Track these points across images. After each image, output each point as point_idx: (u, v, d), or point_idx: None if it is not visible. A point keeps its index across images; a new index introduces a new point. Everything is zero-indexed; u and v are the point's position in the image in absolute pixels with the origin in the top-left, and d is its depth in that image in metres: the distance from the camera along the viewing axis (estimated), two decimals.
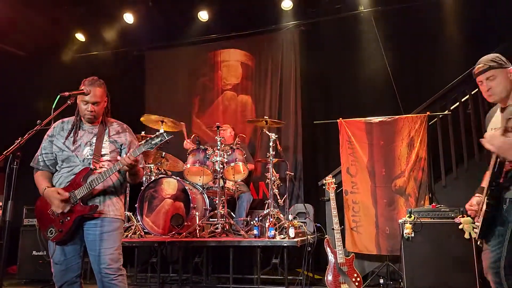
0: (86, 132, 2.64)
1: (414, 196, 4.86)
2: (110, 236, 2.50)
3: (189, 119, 6.86)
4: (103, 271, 2.44)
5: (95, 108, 2.58)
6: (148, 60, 7.32)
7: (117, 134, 2.69)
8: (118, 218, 2.58)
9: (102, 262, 2.45)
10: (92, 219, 2.50)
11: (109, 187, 2.58)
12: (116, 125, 2.75)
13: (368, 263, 5.10)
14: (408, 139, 4.98)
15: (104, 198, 2.56)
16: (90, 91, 2.54)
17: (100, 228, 2.49)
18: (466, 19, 5.69)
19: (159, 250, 4.53)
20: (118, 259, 2.52)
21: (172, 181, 4.68)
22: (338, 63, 6.36)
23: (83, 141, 2.60)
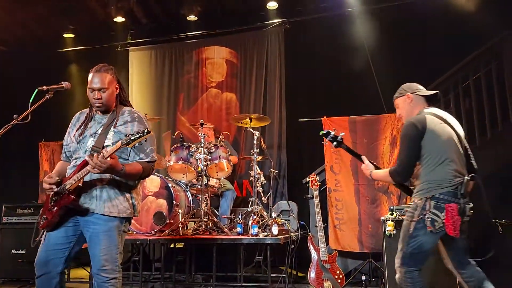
0: (95, 122, 2.51)
1: (396, 194, 4.91)
2: (105, 235, 2.35)
3: (173, 116, 6.82)
4: (97, 272, 2.34)
5: (102, 95, 2.42)
6: (133, 56, 7.25)
7: (124, 124, 2.47)
8: (114, 216, 2.38)
9: (95, 262, 2.34)
10: (86, 215, 2.36)
11: (108, 181, 2.39)
12: (127, 114, 2.52)
13: (351, 260, 5.14)
14: (391, 137, 5.03)
15: (101, 192, 2.39)
16: (69, 85, 2.48)
17: (94, 227, 2.36)
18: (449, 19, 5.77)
19: (141, 248, 4.49)
20: (114, 259, 2.37)
21: (155, 178, 4.64)
22: (322, 61, 6.39)
23: (89, 132, 2.48)
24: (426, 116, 2.63)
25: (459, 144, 2.65)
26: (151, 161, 2.48)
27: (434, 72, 5.51)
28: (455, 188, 2.53)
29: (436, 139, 2.59)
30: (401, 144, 2.74)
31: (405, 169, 2.66)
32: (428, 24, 5.86)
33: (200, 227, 4.41)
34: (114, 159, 2.24)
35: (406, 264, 2.60)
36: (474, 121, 5.00)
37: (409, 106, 2.78)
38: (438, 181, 2.55)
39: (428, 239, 2.54)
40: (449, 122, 2.67)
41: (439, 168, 2.56)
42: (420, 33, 5.91)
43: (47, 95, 2.43)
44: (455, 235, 2.46)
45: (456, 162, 2.59)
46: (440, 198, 2.52)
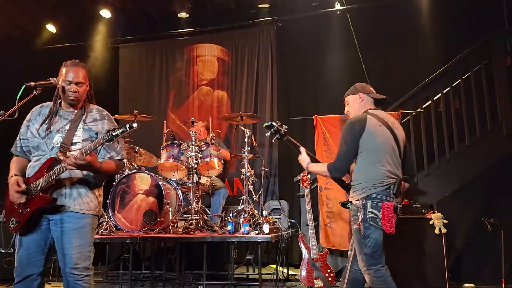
0: (61, 118, 2.46)
1: None
2: (78, 233, 2.33)
3: (164, 113, 6.78)
4: (69, 270, 2.31)
5: (78, 89, 2.42)
6: (123, 53, 7.18)
7: (94, 121, 2.47)
8: (86, 214, 2.37)
9: (68, 261, 2.31)
10: (57, 213, 2.33)
11: (78, 179, 2.37)
12: (95, 111, 2.53)
13: (342, 259, 5.15)
14: None
15: (71, 190, 2.35)
16: (58, 81, 2.44)
17: (66, 225, 2.32)
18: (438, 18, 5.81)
19: (131, 247, 4.45)
20: (86, 257, 2.35)
21: (145, 176, 4.59)
22: (314, 59, 6.40)
23: (55, 127, 2.42)
24: (368, 117, 2.75)
25: (396, 147, 2.76)
26: (122, 159, 2.51)
27: (424, 70, 5.54)
28: (387, 187, 2.65)
29: (373, 140, 2.70)
30: (341, 141, 2.82)
31: (342, 165, 2.77)
32: (418, 23, 5.88)
33: (191, 225, 4.38)
34: (93, 157, 2.23)
35: (372, 265, 2.66)
36: (464, 120, 5.03)
37: (359, 105, 2.90)
38: (372, 181, 2.66)
39: (378, 234, 2.65)
40: (389, 125, 2.77)
41: (373, 168, 2.68)
42: (411, 32, 5.94)
43: (34, 91, 2.38)
44: (391, 232, 2.57)
45: (390, 163, 2.70)
46: (376, 198, 2.63)
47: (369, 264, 2.65)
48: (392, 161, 2.72)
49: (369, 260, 2.65)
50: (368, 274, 2.66)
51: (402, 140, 2.83)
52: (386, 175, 2.67)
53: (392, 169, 2.70)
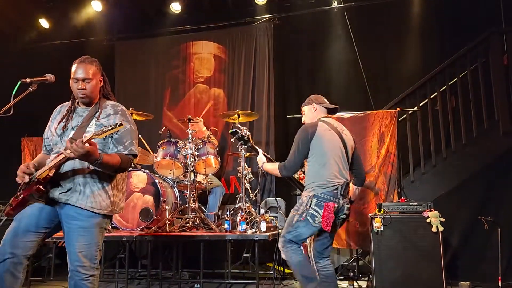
0: (77, 115, 2.45)
1: (384, 190, 4.94)
2: (85, 231, 2.29)
3: (160, 111, 6.73)
4: (74, 268, 2.27)
5: (86, 86, 2.38)
6: (118, 51, 7.12)
7: (107, 117, 2.42)
8: (97, 213, 2.32)
9: (73, 258, 2.28)
10: (65, 208, 2.30)
11: (92, 177, 2.33)
12: (110, 107, 2.47)
13: (338, 257, 5.16)
14: (379, 134, 5.04)
15: (85, 188, 2.31)
16: (54, 78, 2.42)
17: (75, 222, 2.29)
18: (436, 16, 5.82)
19: (127, 245, 4.42)
20: (92, 257, 2.31)
21: (141, 174, 4.57)
22: (311, 57, 6.38)
23: (71, 125, 2.41)
24: (319, 123, 3.04)
25: (345, 152, 3.01)
26: (130, 154, 2.42)
27: (421, 69, 5.55)
28: (335, 188, 2.89)
29: (322, 144, 2.96)
30: (293, 144, 3.08)
31: (291, 165, 3.05)
32: (416, 21, 5.88)
33: (187, 223, 4.36)
34: (93, 146, 2.17)
35: (286, 246, 3.00)
36: (461, 119, 5.04)
37: (313, 114, 3.19)
38: (320, 181, 2.91)
39: (306, 230, 2.92)
40: (339, 131, 3.05)
41: (322, 170, 2.93)
42: (408, 30, 5.93)
43: (30, 88, 2.36)
44: (327, 230, 2.85)
45: (338, 166, 2.95)
46: (321, 197, 2.88)
47: (285, 245, 2.99)
48: (340, 164, 2.97)
49: (286, 243, 2.99)
50: (283, 251, 3.01)
51: (350, 146, 3.08)
52: (334, 177, 2.91)
53: (339, 172, 2.95)
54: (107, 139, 2.39)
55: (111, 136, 2.38)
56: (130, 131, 2.44)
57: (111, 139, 2.39)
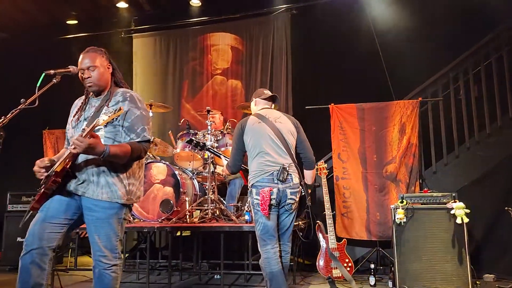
0: (90, 106, 2.45)
1: (405, 182, 4.87)
2: (103, 222, 2.30)
3: (178, 103, 6.76)
4: (97, 258, 2.30)
5: (91, 74, 2.39)
6: (136, 43, 7.15)
7: (116, 104, 2.39)
8: (114, 202, 2.31)
9: (96, 249, 2.30)
10: (84, 200, 2.32)
11: (105, 167, 2.31)
12: (120, 94, 2.45)
13: (359, 248, 5.11)
14: (400, 125, 4.96)
15: (99, 178, 2.31)
16: (77, 69, 2.42)
17: (93, 213, 2.30)
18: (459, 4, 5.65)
19: (148, 236, 4.46)
20: (113, 247, 2.31)
21: (161, 166, 4.58)
22: (330, 47, 6.28)
23: (84, 116, 2.43)
24: (249, 117, 3.22)
25: (279, 139, 3.07)
26: (143, 141, 2.38)
27: (443, 58, 5.42)
28: (269, 174, 2.98)
29: (252, 136, 3.11)
30: (232, 141, 3.26)
31: (232, 161, 3.25)
32: (438, 9, 5.74)
33: (207, 215, 4.37)
34: (95, 139, 2.15)
35: (262, 246, 3.01)
36: (484, 108, 4.92)
37: (255, 108, 3.36)
38: (255, 171, 3.05)
39: (265, 220, 2.98)
40: (271, 121, 3.13)
41: (255, 160, 3.07)
42: (430, 18, 5.79)
43: (54, 80, 2.36)
44: (265, 214, 2.93)
45: (270, 154, 3.03)
46: (258, 185, 3.00)
47: (260, 245, 3.02)
48: (273, 151, 3.04)
49: (260, 241, 3.02)
50: (261, 253, 3.02)
51: (287, 131, 3.14)
52: (267, 164, 3.01)
53: (273, 159, 3.02)
54: (118, 127, 2.36)
55: (121, 125, 2.36)
56: (141, 117, 2.40)
57: (122, 127, 2.36)
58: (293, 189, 3.04)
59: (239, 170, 3.32)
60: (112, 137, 2.33)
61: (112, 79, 2.52)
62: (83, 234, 4.73)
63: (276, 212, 3.03)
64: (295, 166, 3.12)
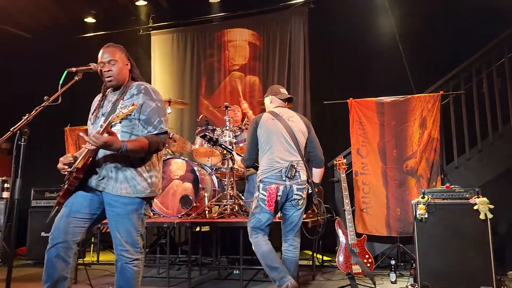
0: (108, 101, 2.47)
1: (426, 177, 4.79)
2: (123, 218, 2.32)
3: (196, 100, 6.79)
4: (119, 252, 2.33)
5: (111, 68, 2.41)
6: (155, 41, 7.20)
7: (131, 97, 2.39)
8: (133, 197, 2.32)
9: (117, 243, 2.33)
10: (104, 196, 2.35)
11: (123, 161, 2.32)
12: (134, 87, 2.45)
13: (378, 244, 5.07)
14: (421, 119, 4.88)
15: (117, 174, 2.32)
16: (97, 66, 2.45)
17: (114, 209, 2.32)
18: None
19: (168, 231, 4.50)
20: (134, 242, 2.33)
21: (180, 161, 4.61)
22: (348, 41, 6.21)
23: (101, 112, 2.45)
24: (264, 114, 3.33)
25: (290, 137, 3.16)
26: (160, 133, 2.38)
27: (465, 50, 5.30)
28: (278, 171, 3.07)
29: (265, 132, 3.21)
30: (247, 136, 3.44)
31: (246, 156, 3.36)
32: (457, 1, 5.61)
33: (226, 210, 4.39)
34: (112, 136, 2.16)
35: (252, 235, 3.16)
36: (508, 101, 4.80)
37: (270, 105, 3.46)
38: (265, 167, 3.14)
39: (263, 215, 3.09)
40: (284, 119, 3.23)
41: (265, 156, 3.17)
42: (451, 9, 5.66)
43: (76, 77, 2.39)
44: (270, 210, 3.02)
45: (281, 151, 3.13)
46: (266, 181, 3.09)
47: (251, 234, 3.16)
48: (284, 148, 3.14)
49: (251, 232, 3.16)
50: (252, 242, 3.16)
51: (299, 130, 3.24)
52: (276, 161, 3.10)
53: (282, 156, 3.11)
54: (134, 121, 2.36)
55: (138, 118, 2.36)
56: (157, 109, 2.39)
57: (138, 121, 2.36)
58: (300, 185, 3.11)
59: (253, 164, 3.41)
60: (129, 131, 2.34)
61: (130, 76, 2.54)
62: (104, 229, 4.81)
63: (280, 210, 3.17)
64: (304, 163, 3.19)
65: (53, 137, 6.73)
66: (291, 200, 3.11)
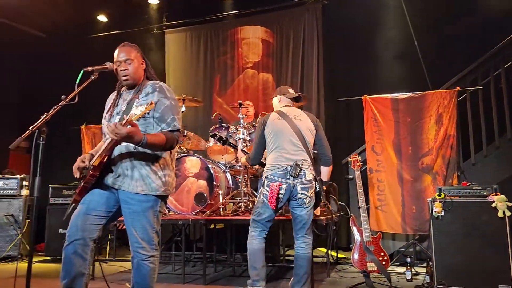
0: (123, 100, 2.50)
1: (442, 174, 4.74)
2: (139, 215, 2.34)
3: (209, 98, 6.82)
4: (135, 249, 2.36)
5: (128, 67, 2.43)
6: (168, 39, 7.25)
7: (146, 96, 2.42)
8: (149, 195, 2.35)
9: (133, 240, 2.36)
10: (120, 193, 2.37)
11: (139, 160, 2.35)
12: (149, 86, 2.47)
13: (393, 242, 5.04)
14: (437, 115, 4.82)
15: (133, 172, 2.35)
16: (113, 65, 2.48)
17: (130, 206, 2.35)
18: None
19: (183, 229, 4.54)
20: (150, 239, 2.36)
21: (194, 159, 4.64)
22: (362, 38, 6.15)
23: (116, 110, 2.48)
24: (271, 114, 3.40)
25: (297, 136, 3.23)
26: (174, 130, 2.40)
27: (482, 45, 5.20)
28: (282, 169, 3.15)
29: (272, 131, 3.29)
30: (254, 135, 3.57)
31: (253, 154, 3.47)
32: None
33: (240, 207, 4.40)
34: (134, 127, 2.17)
35: (250, 227, 3.31)
36: None
37: (278, 105, 3.52)
38: (270, 165, 3.22)
39: (265, 210, 3.19)
40: (291, 118, 3.29)
41: (271, 154, 3.26)
42: (468, 2, 5.56)
43: (92, 76, 2.43)
44: (272, 206, 3.11)
45: (287, 150, 3.20)
46: (270, 178, 3.18)
47: (250, 225, 3.30)
48: (290, 147, 3.20)
49: (252, 223, 3.28)
50: (249, 232, 3.30)
51: (306, 129, 3.30)
52: (281, 160, 3.18)
53: (288, 155, 3.19)
54: (149, 119, 2.39)
55: (152, 116, 2.39)
56: (171, 107, 2.42)
57: (153, 118, 2.39)
58: (304, 184, 3.16)
59: (259, 162, 3.52)
60: (143, 129, 2.35)
61: (145, 75, 2.56)
62: (120, 226, 4.87)
63: (282, 207, 3.26)
64: (310, 162, 3.24)
65: (69, 135, 6.83)
66: (297, 199, 3.17)
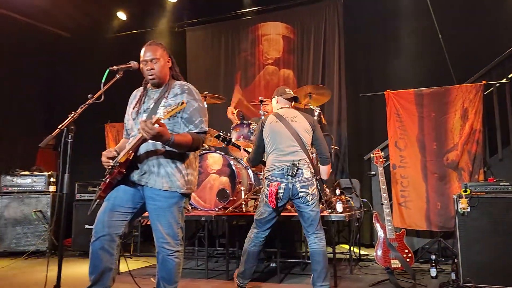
0: (149, 98, 2.54)
1: (468, 170, 4.64)
2: (165, 211, 2.40)
3: (231, 94, 6.84)
4: (160, 245, 2.41)
5: (154, 66, 2.48)
6: (189, 37, 7.31)
7: (174, 96, 2.47)
8: (174, 192, 2.41)
9: (158, 236, 2.41)
10: (146, 190, 2.42)
11: (165, 158, 2.41)
12: (177, 86, 2.52)
13: (417, 239, 4.97)
14: (462, 110, 4.72)
15: (159, 169, 2.40)
16: (137, 64, 2.52)
17: (155, 203, 2.41)
18: None
19: (206, 225, 4.59)
20: (175, 234, 2.41)
21: (216, 156, 4.68)
22: (384, 32, 6.08)
23: (143, 108, 2.53)
24: (269, 116, 3.51)
25: (294, 137, 3.33)
26: (201, 132, 2.45)
27: (508, 37, 5.06)
28: (280, 169, 3.26)
29: (270, 134, 3.41)
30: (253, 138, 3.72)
31: (252, 156, 3.62)
32: None
33: None
34: (163, 127, 2.21)
35: (254, 228, 3.42)
36: None
37: (276, 105, 3.65)
38: (269, 166, 3.35)
39: (266, 209, 3.32)
40: (287, 120, 3.40)
41: (270, 155, 3.38)
42: None
43: (117, 75, 2.48)
44: (272, 205, 3.22)
45: (284, 151, 3.31)
46: (270, 179, 3.30)
47: (253, 226, 3.42)
48: (287, 147, 3.31)
49: (255, 223, 3.41)
50: (250, 231, 3.43)
51: (303, 129, 3.39)
52: (279, 160, 3.29)
53: (285, 156, 3.30)
54: (177, 118, 2.44)
55: (180, 116, 2.43)
56: (199, 109, 2.48)
57: (181, 118, 2.44)
58: (303, 182, 3.24)
59: (258, 164, 3.69)
60: (170, 128, 2.39)
61: (170, 73, 2.60)
62: (145, 222, 4.96)
63: (283, 206, 3.34)
64: (308, 161, 3.32)
65: (94, 133, 6.97)
66: (299, 197, 3.24)
